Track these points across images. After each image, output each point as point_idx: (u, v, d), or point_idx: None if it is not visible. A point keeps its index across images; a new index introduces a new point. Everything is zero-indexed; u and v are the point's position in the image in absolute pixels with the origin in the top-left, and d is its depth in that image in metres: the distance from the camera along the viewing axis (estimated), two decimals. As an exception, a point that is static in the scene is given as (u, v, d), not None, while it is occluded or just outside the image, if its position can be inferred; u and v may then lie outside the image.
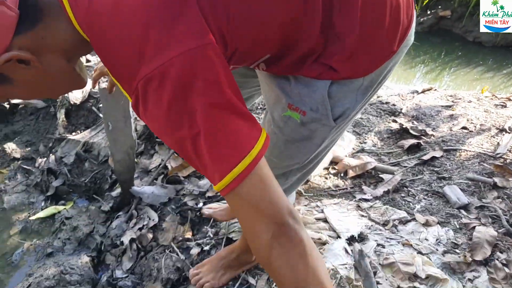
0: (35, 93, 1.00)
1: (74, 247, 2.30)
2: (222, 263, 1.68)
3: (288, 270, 0.85)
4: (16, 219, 2.56)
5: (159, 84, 0.78)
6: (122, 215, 2.35)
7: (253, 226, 0.86)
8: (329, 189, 1.99)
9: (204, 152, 0.82)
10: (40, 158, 2.93)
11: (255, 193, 0.83)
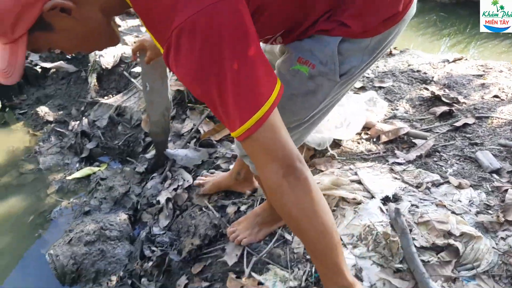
0: (73, 44, 1.06)
1: (110, 206, 2.41)
2: (257, 220, 1.77)
3: (295, 204, 0.98)
4: (52, 179, 2.68)
5: (191, 33, 0.85)
6: (157, 176, 2.44)
7: (266, 167, 0.97)
8: (361, 153, 2.04)
9: (229, 99, 0.91)
10: (72, 121, 3.03)
11: (269, 138, 0.95)
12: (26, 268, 2.15)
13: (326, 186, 1.78)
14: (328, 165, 1.98)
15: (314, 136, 2.04)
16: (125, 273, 1.98)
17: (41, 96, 3.36)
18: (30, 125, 3.18)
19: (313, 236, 1.03)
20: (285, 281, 1.50)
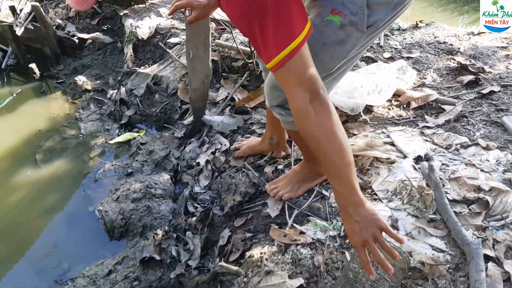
0: None
1: (151, 168, 2.56)
2: (297, 177, 1.89)
3: (319, 125, 1.12)
4: (94, 143, 2.83)
5: None
6: (195, 141, 2.57)
7: (295, 92, 1.13)
8: (392, 118, 2.14)
9: (268, 33, 1.07)
10: (110, 90, 3.16)
11: (299, 67, 1.11)
12: (75, 224, 2.30)
13: (361, 147, 1.90)
14: (360, 129, 2.09)
15: (347, 101, 2.14)
16: (170, 227, 2.12)
17: (78, 66, 3.48)
18: (68, 93, 3.31)
19: (332, 154, 1.15)
20: (325, 231, 1.63)
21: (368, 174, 1.81)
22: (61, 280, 1.97)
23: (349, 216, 1.19)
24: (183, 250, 2.01)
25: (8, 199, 2.44)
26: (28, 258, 2.11)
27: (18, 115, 3.16)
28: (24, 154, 2.76)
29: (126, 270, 1.96)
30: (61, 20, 3.62)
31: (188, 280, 1.89)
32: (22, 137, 2.91)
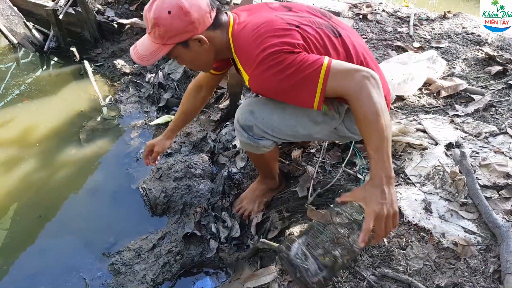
0: (190, 61, 1.57)
1: (189, 149, 2.64)
2: (256, 193, 2.09)
3: (378, 95, 1.27)
4: (134, 124, 2.91)
5: (264, 63, 1.35)
6: (230, 124, 2.64)
7: (352, 79, 1.29)
8: (423, 106, 2.18)
9: (297, 93, 1.36)
10: (148, 73, 3.23)
11: (341, 73, 1.31)
12: (119, 200, 2.39)
13: (394, 133, 1.95)
14: (393, 116, 2.12)
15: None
16: (208, 205, 2.21)
17: (116, 50, 3.55)
18: (107, 76, 3.40)
19: (382, 125, 1.26)
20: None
21: (401, 159, 1.86)
22: (108, 253, 2.06)
23: (380, 186, 1.25)
24: (222, 227, 2.09)
25: (55, 177, 2.54)
26: (76, 232, 2.20)
27: (60, 96, 3.25)
28: (68, 134, 2.86)
29: (169, 245, 2.05)
30: (100, 5, 3.68)
31: (228, 255, 1.98)
32: (65, 117, 3.00)
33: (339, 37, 1.52)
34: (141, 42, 1.49)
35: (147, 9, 1.41)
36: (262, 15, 1.49)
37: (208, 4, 1.43)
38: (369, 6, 3.14)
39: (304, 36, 1.41)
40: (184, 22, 1.38)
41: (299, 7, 1.62)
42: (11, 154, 2.66)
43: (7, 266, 2.02)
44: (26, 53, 3.83)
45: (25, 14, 4.01)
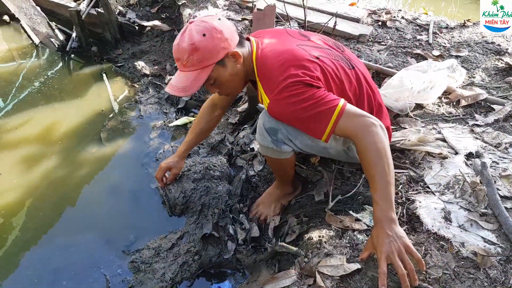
0: (227, 82, 1.61)
1: (207, 151, 2.66)
2: (272, 198, 2.14)
3: (383, 139, 1.38)
4: (154, 125, 2.94)
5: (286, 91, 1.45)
6: (248, 127, 2.66)
7: (362, 124, 1.40)
8: (442, 115, 2.17)
9: (309, 121, 1.46)
10: (168, 75, 3.26)
11: (351, 116, 1.43)
12: (139, 199, 2.42)
13: (413, 142, 1.95)
14: (412, 124, 2.13)
15: (396, 103, 2.19)
16: (226, 207, 2.22)
17: (137, 52, 3.59)
18: (128, 77, 3.44)
19: (385, 168, 1.35)
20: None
21: (420, 168, 1.86)
22: (128, 251, 2.09)
23: (382, 229, 1.33)
24: (240, 229, 2.11)
25: (77, 174, 2.58)
26: (97, 229, 2.23)
27: (81, 96, 3.30)
28: (89, 133, 2.90)
29: (188, 245, 2.07)
30: (122, 7, 3.73)
31: (245, 257, 2.00)
32: (87, 116, 3.04)
33: (353, 69, 1.65)
34: (177, 79, 1.56)
35: (178, 42, 1.50)
36: (285, 43, 1.60)
37: (232, 24, 1.55)
38: (388, 13, 3.14)
39: (323, 68, 1.52)
40: (219, 40, 1.47)
41: (316, 37, 1.73)
42: (34, 152, 2.71)
43: (32, 260, 2.06)
44: (48, 52, 3.89)
45: (47, 13, 4.07)
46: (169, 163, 2.20)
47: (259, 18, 2.18)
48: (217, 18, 1.51)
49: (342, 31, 2.85)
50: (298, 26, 2.95)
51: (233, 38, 1.52)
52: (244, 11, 3.26)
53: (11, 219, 2.27)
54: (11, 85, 3.39)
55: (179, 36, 1.51)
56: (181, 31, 1.53)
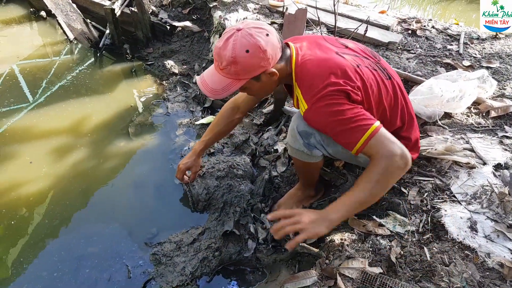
0: (258, 91, 1.63)
1: (231, 150, 2.67)
2: (293, 199, 2.13)
3: (396, 171, 1.40)
4: (180, 123, 2.97)
5: (324, 100, 1.44)
6: (272, 129, 2.66)
7: (389, 151, 1.40)
8: (471, 125, 2.13)
9: (342, 134, 1.45)
10: (196, 75, 3.29)
11: (382, 139, 1.41)
12: (163, 194, 2.44)
13: (440, 152, 1.91)
14: (439, 132, 2.09)
15: (425, 109, 2.15)
16: (248, 206, 2.22)
17: (167, 51, 3.64)
18: (157, 75, 3.49)
19: (370, 193, 1.42)
20: (404, 225, 1.68)
21: (446, 177, 1.82)
22: (150, 243, 2.11)
23: (319, 213, 1.48)
24: (261, 228, 2.10)
25: (104, 166, 2.62)
26: (121, 220, 2.26)
27: (111, 91, 3.36)
28: (118, 127, 2.95)
29: (209, 241, 2.07)
30: (155, 7, 3.79)
31: (265, 256, 1.99)
32: (116, 111, 3.10)
33: (389, 79, 1.63)
34: (210, 75, 1.55)
35: (221, 46, 1.45)
36: (324, 51, 1.57)
37: (278, 39, 1.50)
38: (419, 22, 3.10)
39: (363, 77, 1.51)
40: (260, 60, 1.44)
41: (353, 46, 1.70)
42: (64, 143, 2.77)
43: (57, 246, 2.10)
44: (81, 48, 3.98)
45: (82, 11, 4.16)
46: (187, 163, 2.21)
47: (290, 21, 2.18)
48: (265, 34, 1.44)
49: (372, 37, 2.83)
50: (327, 31, 2.94)
51: (276, 56, 1.48)
52: (273, 15, 3.27)
53: (39, 206, 2.32)
54: (44, 78, 3.48)
55: (223, 39, 1.46)
56: (226, 33, 1.47)
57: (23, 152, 2.67)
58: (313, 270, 1.61)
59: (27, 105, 3.14)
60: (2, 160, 2.60)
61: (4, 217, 2.24)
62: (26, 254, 2.08)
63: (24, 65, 3.67)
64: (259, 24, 1.47)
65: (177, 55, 3.56)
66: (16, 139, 2.78)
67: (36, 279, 1.95)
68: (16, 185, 2.43)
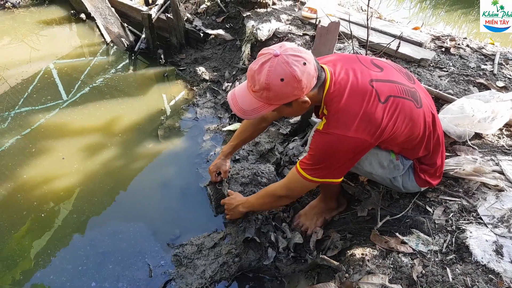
0: (288, 115, 1.81)
1: (256, 158, 2.68)
2: (314, 211, 2.14)
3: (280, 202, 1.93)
4: (207, 128, 3.01)
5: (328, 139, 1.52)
6: (298, 139, 2.66)
7: (287, 186, 1.78)
8: (502, 147, 2.08)
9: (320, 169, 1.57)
10: (226, 82, 3.34)
11: (299, 186, 1.70)
12: (187, 197, 2.48)
13: (468, 172, 1.88)
14: (469, 153, 2.05)
15: (455, 128, 2.12)
16: (269, 214, 2.23)
17: (199, 58, 3.70)
18: (188, 80, 3.55)
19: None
20: (427, 244, 1.65)
21: (474, 198, 1.79)
22: (172, 244, 2.15)
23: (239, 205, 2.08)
24: (282, 237, 2.11)
25: (132, 166, 2.68)
26: (145, 220, 2.31)
27: (143, 93, 3.43)
28: (147, 129, 3.01)
29: (229, 246, 2.09)
30: (190, 14, 3.87)
31: (285, 266, 1.99)
32: (146, 113, 3.17)
33: (421, 107, 1.59)
34: (242, 95, 1.53)
35: (256, 70, 1.43)
36: (358, 77, 1.54)
37: (315, 67, 1.46)
38: (453, 40, 3.06)
39: (394, 111, 1.50)
40: (294, 89, 1.42)
41: (388, 67, 1.65)
42: (96, 141, 2.85)
43: (83, 241, 2.16)
44: (116, 51, 4.09)
45: (120, 15, 4.29)
46: (217, 164, 2.33)
47: (323, 34, 2.19)
48: (303, 62, 1.40)
49: (404, 53, 2.81)
50: (359, 45, 2.94)
51: (310, 85, 1.45)
52: (306, 27, 3.29)
53: (68, 201, 2.40)
54: (79, 78, 3.60)
55: (259, 63, 1.43)
56: (263, 57, 1.44)
57: (56, 148, 2.76)
58: (332, 283, 1.60)
59: (61, 102, 3.25)
60: (37, 154, 2.70)
61: (35, 209, 2.33)
62: (53, 246, 2.15)
63: (61, 64, 3.79)
64: (298, 50, 1.43)
65: (209, 62, 3.62)
66: (51, 135, 2.88)
67: (61, 271, 2.01)
68: (48, 179, 2.52)
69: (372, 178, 1.84)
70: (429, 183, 1.80)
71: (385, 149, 1.70)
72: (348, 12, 3.48)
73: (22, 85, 3.44)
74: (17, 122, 3.00)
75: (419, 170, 1.78)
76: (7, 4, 4.75)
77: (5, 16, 4.61)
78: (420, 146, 1.67)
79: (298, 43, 3.11)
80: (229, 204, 2.17)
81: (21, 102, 3.22)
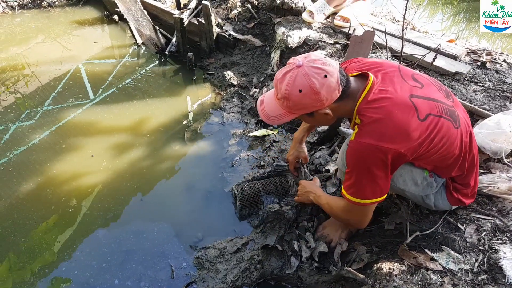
0: (314, 123, 1.88)
1: (281, 165, 2.67)
2: (339, 223, 2.09)
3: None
4: (233, 133, 3.02)
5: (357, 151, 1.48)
6: (325, 148, 2.63)
7: (347, 213, 1.68)
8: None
9: (358, 184, 1.52)
10: (253, 88, 3.34)
11: (355, 214, 1.65)
12: (210, 200, 2.49)
13: (503, 191, 1.82)
14: (504, 170, 1.99)
15: (491, 144, 2.06)
16: (293, 223, 2.21)
17: (227, 62, 3.72)
18: (216, 85, 3.57)
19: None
20: (458, 263, 1.60)
21: (508, 218, 1.73)
22: (195, 247, 2.16)
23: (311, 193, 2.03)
24: (305, 246, 2.08)
25: (159, 167, 2.70)
26: (170, 221, 2.32)
27: (172, 95, 3.47)
28: (174, 131, 3.03)
29: (252, 252, 2.08)
30: (220, 19, 3.89)
31: (308, 276, 1.96)
32: (174, 115, 3.19)
33: (458, 127, 1.55)
34: (269, 101, 1.60)
35: (279, 79, 1.50)
36: (398, 91, 1.49)
37: (338, 81, 1.45)
38: (489, 54, 2.99)
39: (431, 130, 1.46)
40: (313, 100, 1.45)
41: (429, 84, 1.61)
42: (124, 140, 2.89)
43: (108, 238, 2.18)
44: (147, 53, 4.15)
45: (152, 18, 4.35)
46: (294, 153, 2.34)
47: (357, 43, 2.17)
48: (323, 75, 1.42)
49: (438, 66, 2.75)
50: (391, 56, 2.90)
51: (331, 97, 1.45)
52: (337, 35, 3.26)
53: (95, 198, 2.43)
54: (109, 78, 3.66)
55: (283, 72, 1.49)
56: (287, 66, 1.50)
57: (86, 145, 2.81)
58: (357, 296, 1.57)
59: (90, 100, 3.31)
60: (67, 150, 2.75)
61: (63, 204, 2.37)
62: (78, 241, 2.18)
63: (92, 64, 3.87)
64: (321, 62, 1.44)
65: (237, 67, 3.63)
66: (81, 133, 2.93)
67: (86, 267, 2.03)
68: (76, 175, 2.56)
69: (404, 195, 1.80)
70: (461, 201, 1.75)
71: (418, 166, 1.66)
72: (380, 22, 3.45)
73: (54, 82, 3.52)
74: (47, 118, 3.07)
75: (452, 189, 1.73)
76: (43, 3, 4.89)
77: (41, 15, 4.75)
78: (455, 166, 1.62)
79: (329, 51, 3.09)
80: (303, 187, 2.12)
81: (51, 99, 3.30)
